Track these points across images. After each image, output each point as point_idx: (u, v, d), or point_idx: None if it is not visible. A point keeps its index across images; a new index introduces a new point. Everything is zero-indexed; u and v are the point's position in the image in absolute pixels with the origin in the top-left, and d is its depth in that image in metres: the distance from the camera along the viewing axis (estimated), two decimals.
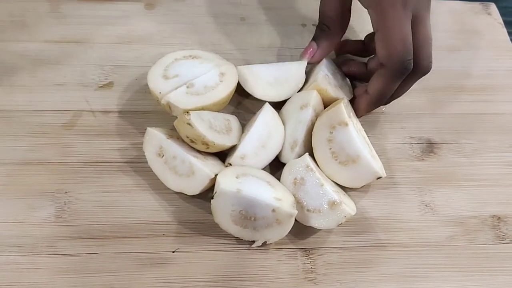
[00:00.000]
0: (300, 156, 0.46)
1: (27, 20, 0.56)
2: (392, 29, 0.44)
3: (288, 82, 0.51)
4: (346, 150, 0.45)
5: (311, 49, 0.52)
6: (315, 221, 0.44)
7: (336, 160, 0.45)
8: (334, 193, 0.44)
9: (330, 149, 0.45)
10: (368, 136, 0.50)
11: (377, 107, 0.50)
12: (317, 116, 0.48)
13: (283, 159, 0.48)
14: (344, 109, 0.44)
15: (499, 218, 0.48)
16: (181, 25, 0.57)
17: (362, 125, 0.50)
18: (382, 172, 0.46)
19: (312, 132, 0.46)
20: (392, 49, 0.44)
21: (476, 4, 0.63)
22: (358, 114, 0.50)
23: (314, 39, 0.52)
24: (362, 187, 0.48)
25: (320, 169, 0.46)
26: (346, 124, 0.44)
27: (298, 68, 0.51)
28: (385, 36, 0.44)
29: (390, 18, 0.44)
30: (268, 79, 0.50)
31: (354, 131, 0.45)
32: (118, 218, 0.45)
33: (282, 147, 0.48)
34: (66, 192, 0.45)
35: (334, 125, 0.45)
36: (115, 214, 0.45)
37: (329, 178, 0.46)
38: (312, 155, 0.46)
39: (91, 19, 0.56)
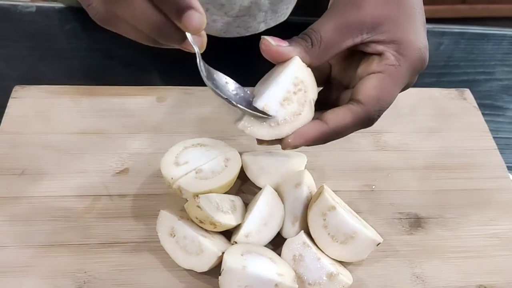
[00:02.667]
0: (301, 229, 0.51)
1: (50, 114, 0.62)
2: (396, 82, 0.43)
3: (289, 172, 0.56)
4: (342, 230, 0.49)
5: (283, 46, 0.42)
6: None
7: (337, 242, 0.50)
8: (331, 265, 0.48)
9: (329, 234, 0.50)
10: (360, 213, 0.55)
11: (322, 144, 0.44)
12: (311, 192, 0.53)
13: (285, 235, 0.52)
14: (328, 196, 0.50)
15: (485, 287, 0.51)
16: (190, 115, 0.64)
17: (353, 203, 0.55)
18: (379, 238, 0.50)
19: (308, 224, 0.51)
20: (384, 97, 0.43)
21: (452, 90, 0.70)
22: (299, 141, 0.42)
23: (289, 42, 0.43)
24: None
25: (325, 253, 0.50)
26: (334, 208, 0.49)
27: (297, 163, 0.57)
28: (386, 81, 0.43)
29: (401, 73, 0.43)
30: (269, 170, 0.56)
31: (342, 211, 0.49)
32: None
33: (283, 223, 0.52)
34: (85, 272, 0.49)
35: (325, 212, 0.49)
36: None
37: (336, 259, 0.50)
38: (309, 231, 0.51)
39: (108, 112, 0.63)
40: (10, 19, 0.75)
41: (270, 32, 0.70)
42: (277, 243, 0.52)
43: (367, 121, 0.43)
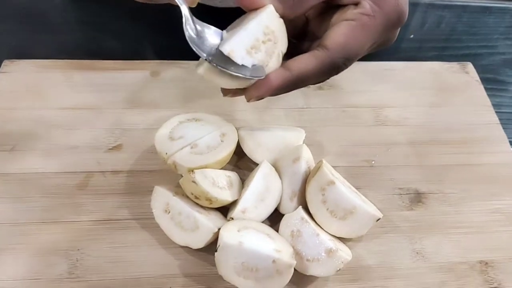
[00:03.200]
0: (300, 204, 0.50)
1: (41, 89, 0.60)
2: (368, 32, 0.42)
3: (286, 147, 0.55)
4: (341, 206, 0.48)
5: None
6: (315, 270, 0.46)
7: (336, 217, 0.49)
8: (330, 241, 0.47)
9: (327, 209, 0.48)
10: (359, 188, 0.54)
11: (287, 92, 0.43)
12: (309, 167, 0.52)
13: (283, 210, 0.51)
14: (327, 171, 0.48)
15: (486, 263, 0.51)
16: (184, 90, 0.62)
17: (352, 179, 0.54)
18: (378, 214, 0.49)
19: (307, 199, 0.49)
20: (351, 44, 0.41)
21: (454, 63, 0.69)
22: (261, 91, 0.42)
23: None
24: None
25: (323, 229, 0.49)
26: (333, 183, 0.48)
27: (295, 138, 0.56)
28: (357, 30, 0.41)
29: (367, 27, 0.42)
30: (267, 146, 0.54)
31: (341, 186, 0.48)
32: (128, 273, 0.47)
33: (281, 198, 0.51)
34: (78, 249, 0.48)
35: (324, 186, 0.48)
36: (124, 269, 0.47)
37: (335, 235, 0.49)
38: (307, 207, 0.50)
39: (101, 87, 0.61)
40: None
41: None
42: (274, 219, 0.51)
43: (331, 67, 0.42)
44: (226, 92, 0.44)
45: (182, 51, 0.67)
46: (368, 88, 0.65)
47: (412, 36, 0.75)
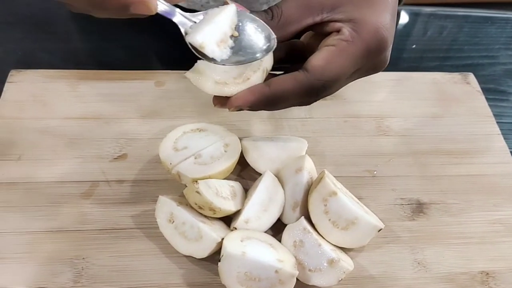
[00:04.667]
0: (302, 215, 0.50)
1: (48, 99, 0.61)
2: (347, 57, 0.43)
3: (289, 158, 0.55)
4: (343, 216, 0.49)
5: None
6: (317, 280, 0.47)
7: (338, 227, 0.49)
8: (332, 251, 0.47)
9: (330, 220, 0.49)
10: (361, 198, 0.54)
11: (272, 108, 0.45)
12: (311, 177, 0.52)
13: (285, 221, 0.52)
14: (329, 181, 0.49)
15: (487, 274, 0.51)
16: (188, 100, 0.63)
17: (354, 189, 0.55)
18: (380, 224, 0.49)
19: (309, 209, 0.50)
20: (330, 69, 0.43)
21: (456, 74, 0.69)
22: (239, 102, 0.44)
23: None
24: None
25: (325, 239, 0.49)
26: (336, 193, 0.48)
27: (297, 148, 0.56)
28: (335, 54, 0.43)
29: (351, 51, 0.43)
30: (270, 156, 0.55)
31: (344, 196, 0.49)
32: (132, 282, 0.48)
33: (284, 209, 0.52)
34: (83, 258, 0.49)
35: (326, 197, 0.49)
36: (128, 278, 0.48)
37: (337, 245, 0.50)
38: (310, 217, 0.50)
39: (106, 97, 0.62)
40: (6, 2, 0.74)
41: None
42: (277, 229, 0.51)
43: (309, 90, 0.43)
44: (217, 101, 0.46)
45: (187, 61, 0.68)
46: (370, 98, 0.65)
47: (414, 46, 0.75)
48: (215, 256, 0.47)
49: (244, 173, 0.57)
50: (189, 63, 0.49)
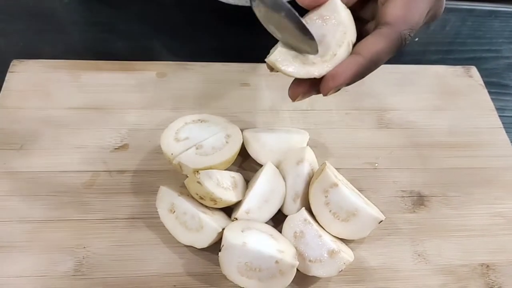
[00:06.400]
0: (303, 206, 0.50)
1: (49, 89, 0.61)
2: (421, 2, 0.42)
3: (290, 149, 0.55)
4: (344, 208, 0.49)
5: None
6: (317, 270, 0.47)
7: (338, 219, 0.49)
8: (332, 243, 0.47)
9: (330, 211, 0.49)
10: (362, 190, 0.54)
11: (365, 76, 0.42)
12: (312, 169, 0.52)
13: (286, 211, 0.52)
14: (330, 173, 0.49)
15: (487, 266, 0.51)
16: (190, 91, 0.63)
17: (355, 181, 0.55)
18: (381, 216, 0.49)
19: (310, 201, 0.50)
20: (412, 14, 0.42)
21: (458, 67, 0.69)
22: (339, 80, 0.41)
23: None
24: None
25: (326, 231, 0.50)
26: (337, 185, 0.48)
27: (299, 140, 0.56)
28: (409, 1, 0.42)
29: None
30: (271, 147, 0.55)
31: (344, 188, 0.49)
32: (132, 271, 0.48)
33: (285, 200, 0.52)
34: (84, 247, 0.49)
35: (327, 189, 0.49)
36: (129, 267, 0.48)
37: (337, 236, 0.50)
38: (310, 208, 0.50)
39: (108, 87, 0.62)
40: None
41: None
42: (278, 220, 0.51)
43: (399, 42, 0.41)
44: (295, 92, 0.43)
45: (189, 52, 0.68)
46: (372, 90, 0.65)
47: (416, 39, 0.75)
48: (216, 246, 0.47)
49: (246, 164, 0.57)
50: (191, 54, 0.48)
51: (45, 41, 0.69)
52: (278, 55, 0.41)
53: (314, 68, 0.41)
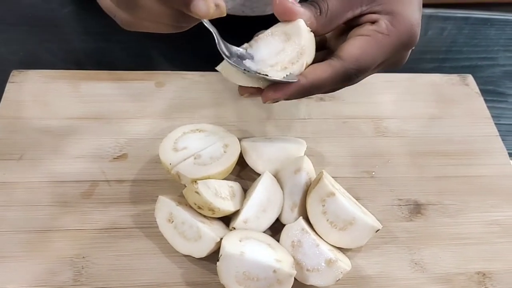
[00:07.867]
0: (300, 215, 0.51)
1: (49, 99, 0.61)
2: (381, 49, 0.44)
3: (288, 158, 0.55)
4: (341, 217, 0.49)
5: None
6: (315, 280, 0.47)
7: (335, 228, 0.49)
8: (330, 252, 0.48)
9: (327, 220, 0.49)
10: (359, 199, 0.55)
11: (305, 96, 0.46)
12: (310, 178, 0.53)
13: (284, 221, 0.52)
14: (327, 182, 0.49)
15: (484, 274, 0.51)
16: (188, 101, 0.63)
17: (352, 189, 0.55)
18: (378, 225, 0.50)
19: (307, 210, 0.50)
20: (364, 58, 0.44)
21: (454, 76, 0.69)
22: (278, 94, 0.44)
23: None
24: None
25: (323, 240, 0.50)
26: (334, 194, 0.49)
27: (296, 149, 0.57)
28: (371, 45, 0.44)
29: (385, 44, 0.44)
30: (269, 157, 0.55)
31: (341, 197, 0.49)
32: (131, 281, 0.48)
33: (282, 209, 0.52)
34: (83, 257, 0.49)
35: (324, 198, 0.49)
36: (128, 277, 0.48)
37: (335, 245, 0.50)
38: (308, 217, 0.51)
39: (107, 97, 0.62)
40: (8, 2, 0.74)
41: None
42: (275, 229, 0.52)
43: (344, 77, 0.44)
44: (243, 91, 0.46)
45: (187, 62, 0.69)
46: (368, 99, 0.66)
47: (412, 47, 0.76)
48: (214, 255, 0.48)
49: (243, 174, 0.57)
50: (190, 64, 0.49)
51: (45, 51, 0.69)
52: (225, 67, 0.45)
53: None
